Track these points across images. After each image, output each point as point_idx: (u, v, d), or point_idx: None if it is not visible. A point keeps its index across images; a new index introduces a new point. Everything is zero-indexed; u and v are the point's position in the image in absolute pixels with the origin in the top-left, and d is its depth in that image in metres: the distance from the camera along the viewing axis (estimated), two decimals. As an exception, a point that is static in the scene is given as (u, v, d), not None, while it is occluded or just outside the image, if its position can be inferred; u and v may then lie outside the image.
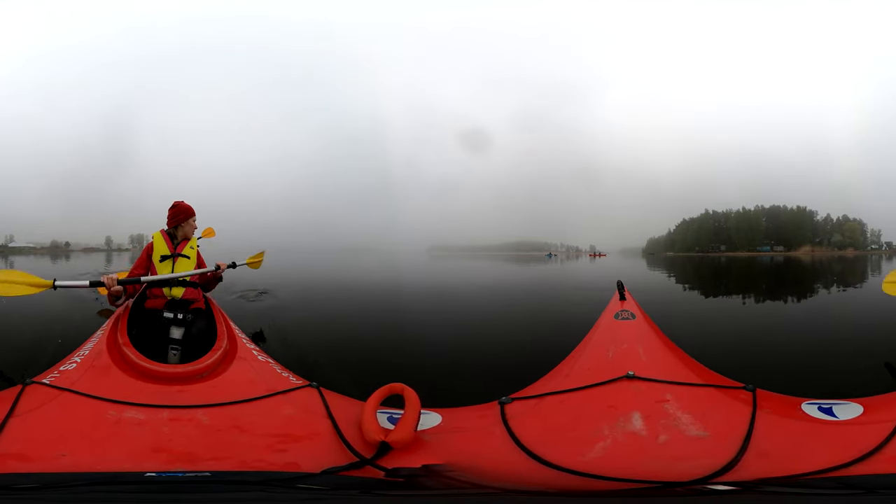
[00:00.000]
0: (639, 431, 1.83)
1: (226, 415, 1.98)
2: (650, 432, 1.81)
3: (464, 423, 2.01)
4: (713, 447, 1.70)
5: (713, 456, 1.64)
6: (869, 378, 3.40)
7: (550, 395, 2.12)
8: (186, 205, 3.51)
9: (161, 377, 2.28)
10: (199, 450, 1.77)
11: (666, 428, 1.83)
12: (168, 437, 1.82)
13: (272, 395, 2.14)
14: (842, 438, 1.69)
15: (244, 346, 2.81)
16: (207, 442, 1.82)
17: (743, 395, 1.97)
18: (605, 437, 1.81)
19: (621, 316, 2.82)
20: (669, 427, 1.83)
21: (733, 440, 1.70)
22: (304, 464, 1.70)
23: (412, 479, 1.60)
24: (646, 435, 1.81)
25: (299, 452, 1.80)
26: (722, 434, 1.76)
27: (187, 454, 1.74)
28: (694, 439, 1.77)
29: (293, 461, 1.74)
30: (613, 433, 1.83)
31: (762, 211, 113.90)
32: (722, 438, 1.73)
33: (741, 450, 1.65)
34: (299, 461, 1.72)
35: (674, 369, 2.24)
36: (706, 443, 1.75)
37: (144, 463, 1.66)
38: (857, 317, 7.22)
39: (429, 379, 2.68)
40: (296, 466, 1.69)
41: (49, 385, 2.02)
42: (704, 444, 1.74)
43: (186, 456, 1.73)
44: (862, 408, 1.85)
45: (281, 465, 1.72)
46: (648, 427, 1.83)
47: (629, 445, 1.78)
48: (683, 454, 1.71)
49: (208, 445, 1.80)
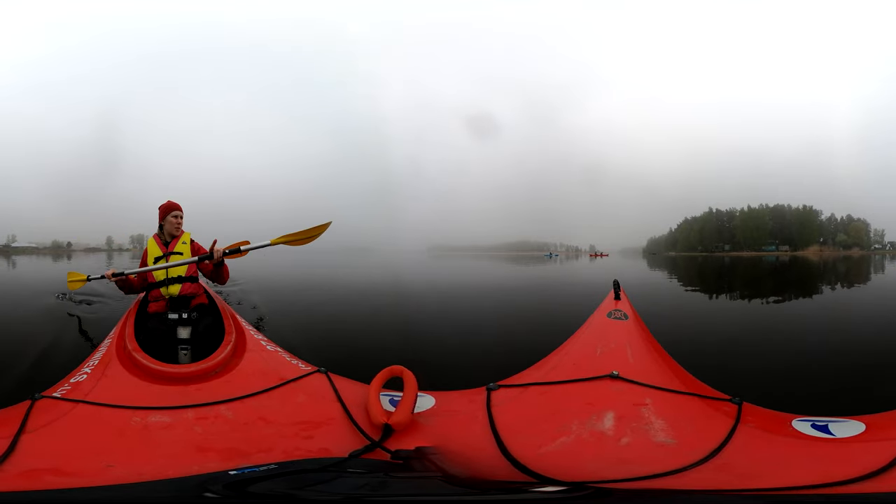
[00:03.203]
0: (606, 431, 1.81)
1: (247, 407, 2.01)
2: (616, 433, 1.80)
3: (454, 407, 2.05)
4: (672, 455, 1.65)
5: (667, 462, 1.59)
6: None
7: (534, 386, 2.14)
8: (168, 202, 3.48)
9: (176, 378, 2.28)
10: (241, 444, 1.77)
11: (634, 431, 1.81)
12: (203, 436, 1.82)
13: (286, 384, 2.20)
14: (838, 456, 1.60)
15: (252, 337, 2.84)
16: (242, 436, 1.84)
17: (727, 408, 1.91)
18: (570, 433, 1.82)
19: (614, 315, 2.80)
20: (638, 430, 1.81)
21: (699, 450, 1.64)
22: (332, 448, 1.75)
23: (408, 461, 1.64)
24: (611, 435, 1.79)
25: (324, 438, 1.85)
26: (690, 443, 1.70)
27: (234, 450, 1.74)
28: (658, 445, 1.73)
29: (324, 447, 1.78)
30: (580, 430, 1.83)
31: (766, 210, 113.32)
32: (688, 447, 1.67)
33: (701, 460, 1.60)
34: (329, 447, 1.77)
35: (659, 374, 2.23)
36: (668, 450, 1.70)
37: (203, 463, 1.65)
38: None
39: (426, 364, 2.68)
40: (327, 452, 1.74)
41: (61, 398, 1.98)
42: (665, 451, 1.69)
43: (234, 452, 1.72)
44: (864, 425, 1.75)
45: (316, 452, 1.76)
46: (617, 428, 1.82)
47: (588, 444, 1.77)
48: (636, 458, 1.67)
49: (247, 439, 1.81)
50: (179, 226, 3.47)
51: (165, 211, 3.46)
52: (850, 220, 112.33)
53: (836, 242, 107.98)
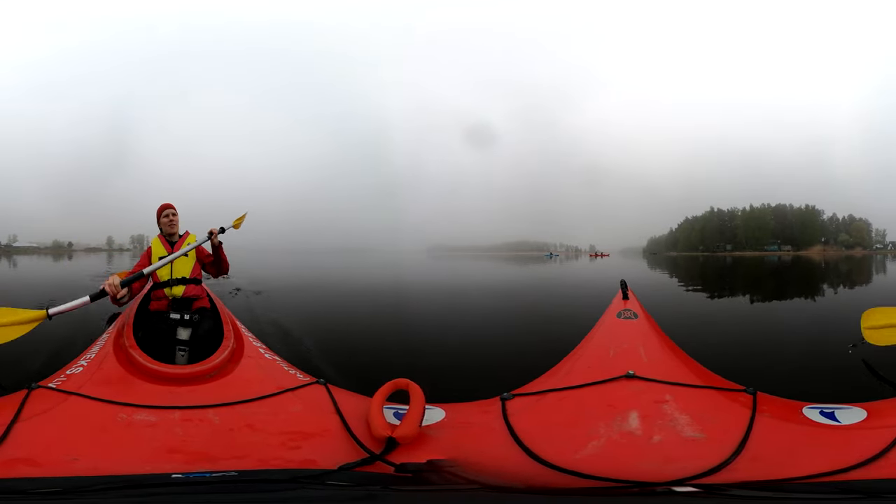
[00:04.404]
0: (634, 431, 1.82)
1: (237, 414, 1.97)
2: (645, 432, 1.81)
3: (466, 419, 2.02)
4: (707, 449, 1.69)
5: (705, 458, 1.63)
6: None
7: (551, 392, 2.12)
8: (163, 204, 3.54)
9: (170, 378, 2.26)
10: (216, 450, 1.75)
11: (662, 428, 1.83)
12: (182, 438, 1.81)
13: (281, 393, 2.15)
14: (843, 443, 1.67)
15: (251, 344, 2.82)
16: (223, 441, 1.81)
17: (743, 398, 1.96)
18: (600, 436, 1.81)
19: (624, 315, 2.81)
20: (665, 428, 1.83)
21: (729, 443, 1.69)
22: (320, 460, 1.70)
23: (418, 474, 1.61)
24: (641, 435, 1.81)
25: (313, 449, 1.81)
26: (718, 436, 1.74)
27: (205, 454, 1.72)
28: (689, 440, 1.77)
29: (309, 458, 1.74)
30: (609, 432, 1.83)
31: (768, 209, 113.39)
32: (717, 441, 1.71)
33: (734, 453, 1.65)
34: (315, 458, 1.73)
35: (674, 370, 2.24)
36: (701, 444, 1.74)
37: (163, 464, 1.64)
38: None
39: (433, 374, 2.66)
40: (312, 463, 1.69)
41: (55, 389, 1.99)
42: (699, 446, 1.73)
43: (205, 456, 1.71)
44: (865, 412, 1.83)
45: (298, 462, 1.71)
46: (644, 427, 1.83)
47: (622, 445, 1.78)
48: (675, 455, 1.70)
49: (224, 445, 1.79)
50: (173, 224, 3.48)
51: (159, 212, 3.52)
52: (851, 219, 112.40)
53: (838, 242, 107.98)
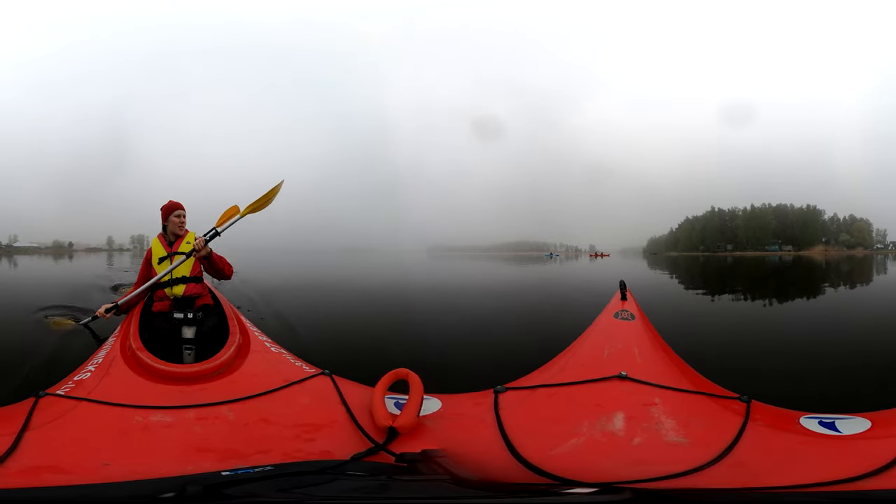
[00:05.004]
0: (617, 432, 1.81)
1: (250, 408, 2.00)
2: (627, 434, 1.79)
3: (460, 410, 2.03)
4: (687, 454, 1.65)
5: (682, 462, 1.59)
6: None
7: (542, 388, 2.13)
8: (170, 202, 3.46)
9: (179, 378, 2.28)
10: (240, 445, 1.77)
11: (645, 431, 1.81)
12: (204, 437, 1.82)
13: (289, 386, 2.19)
14: (843, 453, 1.62)
15: (256, 338, 2.83)
16: (243, 437, 1.83)
17: (736, 406, 1.92)
18: (582, 434, 1.81)
19: (621, 315, 2.79)
20: (649, 430, 1.81)
21: (712, 449, 1.65)
22: (335, 451, 1.74)
23: (413, 463, 1.63)
24: (623, 436, 1.79)
25: (326, 440, 1.84)
26: (702, 442, 1.71)
27: (232, 451, 1.74)
28: (671, 445, 1.73)
29: (325, 449, 1.78)
30: (591, 431, 1.82)
31: (769, 209, 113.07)
32: (700, 446, 1.68)
33: (716, 458, 1.61)
34: (330, 449, 1.77)
35: (667, 374, 2.22)
36: (682, 449, 1.71)
37: (202, 463, 1.65)
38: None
39: (432, 368, 2.67)
40: (328, 454, 1.73)
41: (64, 396, 1.99)
42: (679, 450, 1.70)
43: (234, 453, 1.72)
44: (869, 422, 1.77)
45: (317, 454, 1.76)
46: (628, 428, 1.82)
47: (601, 444, 1.77)
48: (651, 458, 1.67)
49: (245, 440, 1.81)
50: (183, 225, 3.45)
51: (168, 211, 3.44)
52: (852, 219, 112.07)
53: (839, 242, 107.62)
